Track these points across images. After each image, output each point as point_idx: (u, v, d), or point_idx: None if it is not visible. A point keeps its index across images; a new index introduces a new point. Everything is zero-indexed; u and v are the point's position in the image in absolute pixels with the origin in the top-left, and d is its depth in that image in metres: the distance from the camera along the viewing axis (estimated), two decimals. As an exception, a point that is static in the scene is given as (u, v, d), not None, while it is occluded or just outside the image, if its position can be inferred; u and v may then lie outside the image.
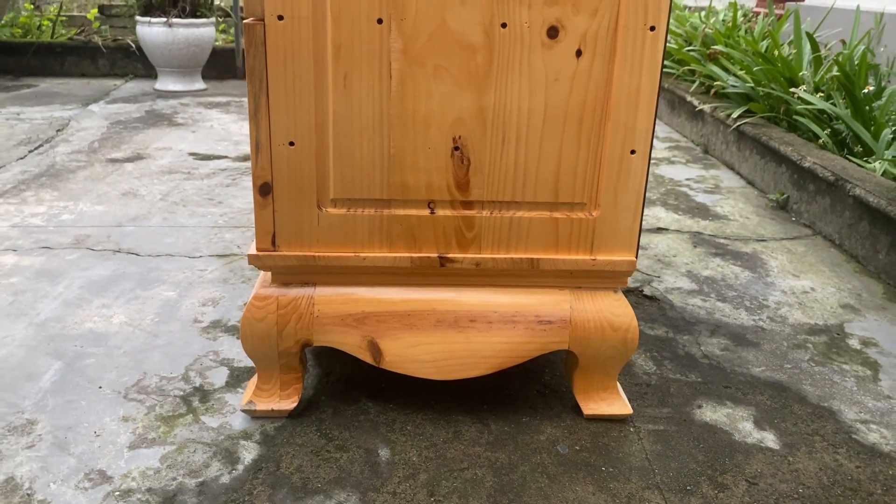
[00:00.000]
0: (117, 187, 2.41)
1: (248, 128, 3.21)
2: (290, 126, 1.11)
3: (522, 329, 1.22)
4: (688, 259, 1.99)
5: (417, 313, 1.20)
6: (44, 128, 3.17)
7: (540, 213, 1.18)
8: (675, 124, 3.55)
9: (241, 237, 2.04)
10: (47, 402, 1.26)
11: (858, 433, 1.26)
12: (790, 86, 2.78)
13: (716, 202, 2.49)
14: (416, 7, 1.06)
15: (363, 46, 1.08)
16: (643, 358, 1.48)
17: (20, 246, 1.91)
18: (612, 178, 1.16)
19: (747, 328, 1.62)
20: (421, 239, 1.18)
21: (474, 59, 1.09)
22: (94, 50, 4.54)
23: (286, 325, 1.19)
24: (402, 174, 1.15)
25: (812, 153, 2.35)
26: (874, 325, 1.65)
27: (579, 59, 1.10)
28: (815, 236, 2.19)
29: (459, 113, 1.12)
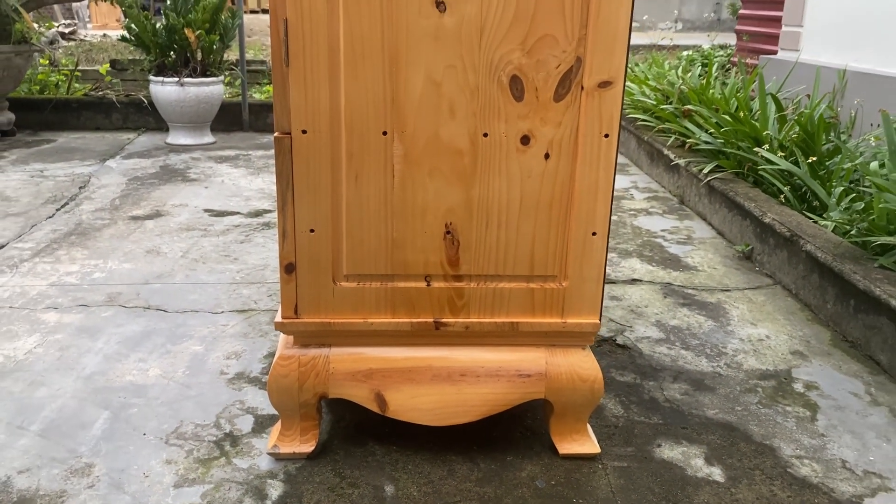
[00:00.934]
0: (141, 245, 2.65)
1: (256, 183, 3.47)
2: (310, 216, 1.35)
3: (505, 381, 1.44)
4: (658, 309, 2.22)
5: (417, 369, 1.43)
6: (67, 185, 3.41)
7: (518, 284, 1.41)
8: (654, 175, 3.81)
9: (257, 293, 2.26)
10: (100, 448, 1.48)
11: (793, 467, 1.48)
12: (755, 144, 3.04)
13: (687, 253, 2.73)
14: (414, 122, 1.30)
15: (371, 153, 1.32)
16: (613, 402, 1.70)
17: (60, 304, 2.14)
18: (578, 255, 1.39)
19: (706, 374, 1.84)
20: (419, 307, 1.41)
21: (462, 161, 1.33)
22: (109, 105, 4.80)
23: (306, 380, 1.42)
24: (403, 253, 1.38)
25: (772, 209, 2.60)
26: (818, 370, 1.88)
27: (547, 161, 1.34)
28: (775, 286, 2.43)
29: (450, 204, 1.36)
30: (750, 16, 5.69)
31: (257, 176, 3.69)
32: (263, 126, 4.89)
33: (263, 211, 3.10)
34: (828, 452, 1.53)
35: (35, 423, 1.55)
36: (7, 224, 2.83)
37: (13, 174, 3.59)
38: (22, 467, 1.41)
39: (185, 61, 4.28)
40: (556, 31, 1.27)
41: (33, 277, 2.32)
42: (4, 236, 2.69)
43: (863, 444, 1.57)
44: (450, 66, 1.28)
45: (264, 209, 3.13)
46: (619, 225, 3.04)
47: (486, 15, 1.25)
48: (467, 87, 1.29)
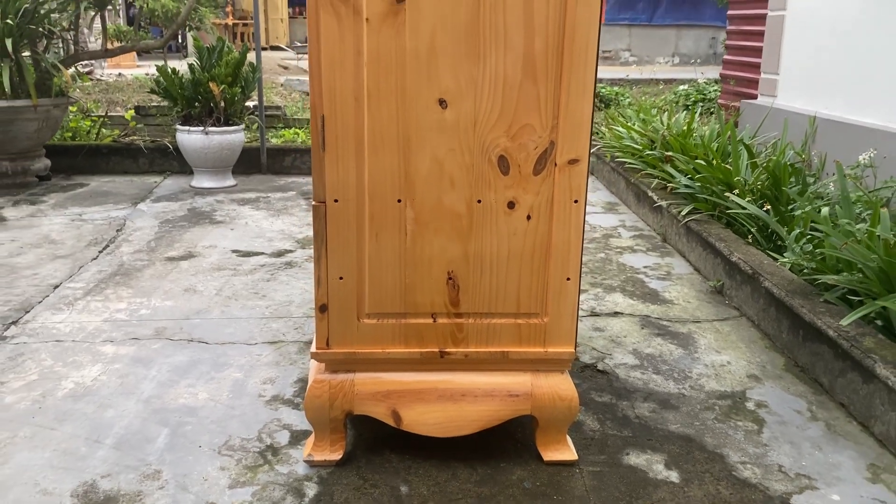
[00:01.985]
0: (179, 284, 2.98)
1: (277, 224, 3.82)
2: (340, 267, 1.68)
3: (498, 400, 1.76)
4: (635, 339, 2.54)
5: (425, 390, 1.75)
6: (105, 228, 3.76)
7: (508, 320, 1.74)
8: (640, 214, 4.14)
9: (285, 326, 2.59)
10: (165, 458, 1.80)
11: (737, 471, 1.79)
12: (728, 189, 3.37)
13: (665, 288, 3.05)
14: (422, 192, 1.64)
15: (388, 216, 1.65)
16: (590, 418, 2.01)
17: (115, 337, 2.47)
18: (555, 296, 1.72)
19: (672, 395, 2.15)
20: (427, 339, 1.74)
21: (461, 222, 1.67)
22: (136, 151, 5.18)
23: (335, 400, 1.74)
24: (413, 296, 1.71)
25: (739, 249, 2.92)
26: (769, 391, 2.19)
27: (529, 221, 1.67)
28: (741, 318, 2.74)
29: (452, 256, 1.69)
30: (733, 61, 6.07)
31: (277, 218, 4.03)
32: (280, 169, 5.26)
33: (285, 251, 3.44)
34: (768, 459, 1.84)
35: (109, 438, 1.87)
36: (57, 266, 3.17)
37: (55, 218, 3.94)
38: (104, 473, 1.73)
39: (209, 111, 4.66)
40: (533, 122, 1.61)
41: (88, 314, 2.65)
42: (57, 277, 3.03)
43: (799, 452, 1.88)
44: (450, 149, 1.62)
45: (286, 249, 3.47)
46: (605, 262, 3.37)
47: (478, 110, 1.60)
48: (464, 164, 1.63)
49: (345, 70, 1.55)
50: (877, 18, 3.86)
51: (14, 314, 2.64)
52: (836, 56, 4.26)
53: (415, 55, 1.56)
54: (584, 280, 3.09)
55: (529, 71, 1.58)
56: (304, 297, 2.86)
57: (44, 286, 2.92)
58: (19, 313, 2.65)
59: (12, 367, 2.24)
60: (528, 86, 1.59)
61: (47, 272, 3.08)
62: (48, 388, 2.11)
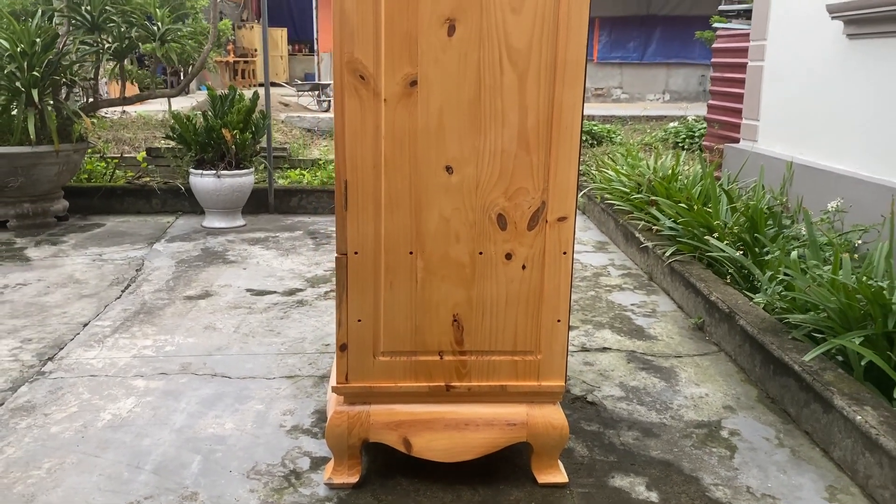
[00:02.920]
0: (199, 322, 3.20)
1: (287, 264, 4.05)
2: (359, 311, 1.91)
3: (498, 429, 1.98)
4: (622, 373, 2.77)
5: (433, 420, 1.97)
6: (125, 268, 3.99)
7: (506, 357, 1.97)
8: (629, 253, 4.39)
9: (300, 362, 2.81)
10: (200, 481, 2.01)
11: (710, 492, 2.01)
12: (709, 232, 3.63)
13: (651, 324, 3.28)
14: (431, 245, 1.88)
15: (401, 267, 1.89)
16: (580, 445, 2.23)
17: (144, 372, 2.68)
18: (547, 336, 1.95)
19: (654, 424, 2.38)
20: (434, 374, 1.97)
21: (465, 271, 1.91)
22: (149, 192, 5.43)
23: (353, 428, 1.96)
24: (423, 336, 1.94)
25: (718, 289, 3.17)
26: (742, 421, 2.41)
27: (524, 271, 1.92)
28: (719, 353, 2.98)
29: (456, 300, 1.92)
30: (717, 106, 6.39)
31: (287, 257, 4.27)
32: (287, 209, 5.51)
33: (296, 290, 3.67)
34: (738, 481, 2.06)
35: (147, 464, 2.09)
36: (84, 305, 3.39)
37: (77, 258, 4.17)
38: (146, 495, 1.94)
39: (221, 156, 4.93)
40: (527, 185, 1.86)
41: (117, 350, 2.87)
42: (85, 315, 3.25)
43: (765, 475, 2.10)
44: (456, 209, 1.87)
45: (297, 288, 3.70)
46: (595, 300, 3.61)
47: (480, 175, 1.85)
48: (468, 221, 1.88)
49: (365, 142, 1.81)
50: (844, 71, 4.16)
51: (49, 351, 2.85)
52: (809, 105, 4.56)
53: (425, 130, 1.81)
54: (576, 317, 3.33)
55: (523, 143, 1.84)
56: (317, 335, 3.08)
57: (73, 324, 3.14)
58: (54, 350, 2.86)
59: (53, 399, 2.46)
60: (523, 155, 1.85)
61: (75, 311, 3.30)
62: (88, 420, 2.33)
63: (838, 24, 4.15)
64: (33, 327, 3.09)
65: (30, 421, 2.31)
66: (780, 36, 4.95)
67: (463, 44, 1.76)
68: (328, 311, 3.37)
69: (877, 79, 3.85)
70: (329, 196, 5.57)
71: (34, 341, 2.94)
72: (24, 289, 3.60)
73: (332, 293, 3.63)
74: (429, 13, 1.74)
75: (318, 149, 10.73)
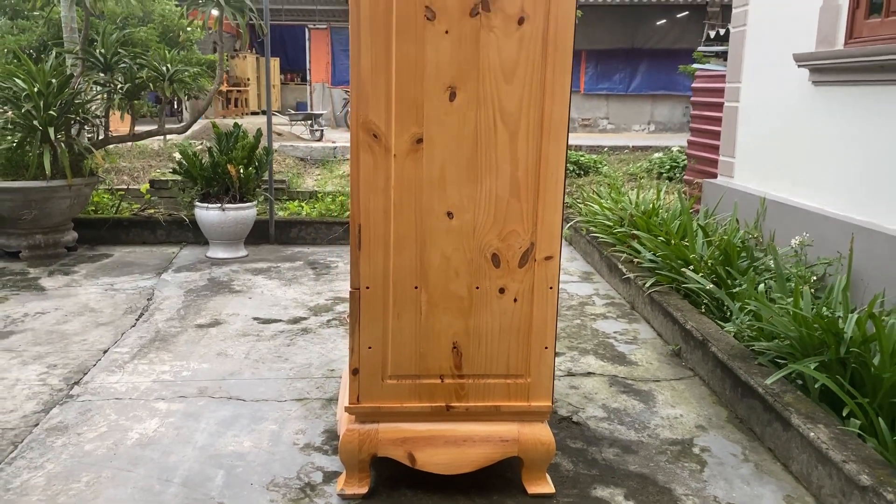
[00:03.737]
0: (211, 349, 3.43)
1: (290, 293, 4.28)
2: (369, 339, 2.16)
3: (492, 445, 2.22)
4: (605, 396, 3.01)
5: (435, 437, 2.21)
6: (137, 297, 4.21)
7: (500, 380, 2.21)
8: (612, 284, 4.66)
9: (308, 386, 3.04)
10: (225, 493, 2.23)
11: (681, 501, 2.25)
12: (685, 265, 3.90)
13: (632, 351, 3.54)
14: (434, 280, 2.14)
15: (407, 300, 2.14)
16: (566, 461, 2.47)
17: (165, 396, 2.90)
18: (536, 361, 2.20)
19: (633, 442, 2.62)
20: (436, 395, 2.21)
21: (463, 304, 2.16)
22: (154, 223, 5.67)
23: (363, 445, 2.19)
24: (426, 361, 2.19)
25: (693, 318, 3.44)
26: (712, 439, 2.66)
27: (515, 303, 2.17)
28: (694, 377, 3.23)
29: (456, 330, 2.17)
30: (696, 142, 6.72)
31: (289, 287, 4.51)
32: (287, 239, 5.76)
33: (300, 318, 3.91)
34: (706, 492, 2.31)
35: (175, 478, 2.30)
36: (102, 332, 3.61)
37: (90, 287, 4.39)
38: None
39: (225, 189, 5.18)
40: (518, 228, 2.12)
41: (138, 376, 3.09)
42: (104, 343, 3.47)
43: (731, 486, 2.34)
44: (455, 249, 2.13)
45: (301, 316, 3.93)
46: (581, 328, 3.86)
47: (477, 220, 2.11)
48: (466, 260, 2.13)
49: (377, 191, 2.07)
50: (811, 115, 4.48)
51: (75, 376, 3.07)
52: (780, 145, 4.88)
53: (429, 180, 2.08)
54: (563, 344, 3.58)
55: (515, 191, 2.10)
56: (322, 360, 3.32)
57: (94, 351, 3.36)
58: (79, 375, 3.08)
59: (84, 420, 2.67)
60: (514, 202, 2.11)
61: (94, 338, 3.52)
62: (118, 438, 2.54)
63: (805, 71, 4.48)
64: (57, 354, 3.31)
65: (65, 440, 2.52)
66: (754, 79, 5.29)
67: (462, 107, 2.04)
68: (331, 338, 3.61)
69: (840, 123, 4.17)
70: (327, 227, 5.82)
71: (59, 367, 3.16)
72: (44, 317, 3.82)
73: (333, 321, 3.87)
74: (433, 82, 2.01)
75: (311, 178, 11.01)
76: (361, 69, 2.01)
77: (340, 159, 13.05)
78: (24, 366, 3.17)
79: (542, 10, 1.99)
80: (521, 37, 2.00)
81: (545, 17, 1.99)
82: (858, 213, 3.95)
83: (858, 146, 3.97)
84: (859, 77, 3.96)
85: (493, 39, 2.00)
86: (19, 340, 3.47)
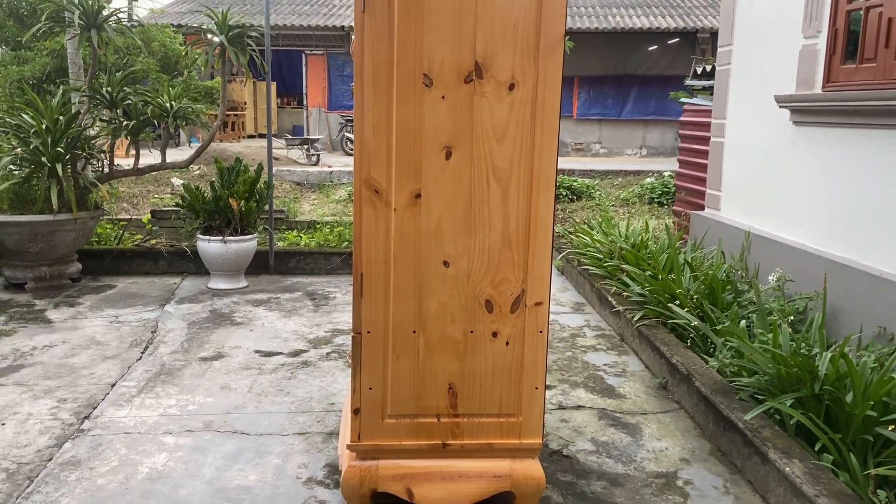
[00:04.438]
0: (215, 382, 3.55)
1: (290, 325, 4.40)
2: (370, 380, 2.29)
3: (486, 480, 2.35)
4: (594, 429, 3.15)
5: (432, 473, 2.34)
6: (141, 330, 4.34)
7: (493, 419, 2.35)
8: (602, 315, 4.81)
9: (309, 420, 3.16)
10: (232, 526, 2.35)
11: (665, 533, 2.38)
12: (672, 299, 4.06)
13: (621, 384, 3.68)
14: (431, 325, 2.28)
15: (406, 343, 2.29)
16: (556, 493, 2.60)
17: (172, 430, 3.03)
18: (527, 401, 2.34)
19: (620, 475, 2.75)
20: (433, 434, 2.34)
21: (459, 347, 2.30)
22: (156, 254, 5.80)
23: (364, 480, 2.32)
24: (423, 401, 2.33)
25: (678, 352, 3.58)
26: (695, 471, 2.80)
27: (507, 346, 2.32)
28: (680, 410, 3.37)
29: (452, 371, 2.32)
30: (685, 174, 6.91)
31: (289, 318, 4.64)
32: (286, 269, 5.90)
33: (300, 351, 4.04)
34: (688, 524, 2.44)
35: (185, 512, 2.43)
36: (109, 366, 3.74)
37: (95, 320, 4.51)
38: (188, 538, 2.28)
39: (227, 222, 5.33)
40: (510, 276, 2.27)
41: (146, 409, 3.21)
42: (111, 376, 3.59)
43: (712, 518, 2.48)
44: (451, 295, 2.27)
45: (301, 349, 4.06)
46: (572, 360, 4.00)
47: (471, 268, 2.26)
48: (461, 306, 2.28)
49: (378, 242, 2.22)
50: (792, 153, 4.66)
51: (84, 410, 3.19)
52: (764, 180, 5.06)
53: (427, 232, 2.23)
54: (554, 377, 3.72)
55: (506, 242, 2.26)
56: (322, 394, 3.44)
57: (102, 384, 3.48)
58: (88, 409, 3.20)
59: (96, 455, 2.79)
60: (506, 252, 2.26)
61: (102, 372, 3.64)
62: (129, 472, 2.66)
63: (786, 111, 4.67)
64: (66, 388, 3.43)
65: (78, 474, 2.64)
66: (738, 117, 5.48)
67: (458, 165, 2.19)
68: (331, 371, 3.74)
69: (819, 162, 4.35)
70: (325, 258, 5.97)
71: (69, 401, 3.28)
72: (52, 350, 3.94)
73: (333, 354, 4.00)
74: (430, 142, 2.17)
75: (308, 202, 11.17)
76: (365, 129, 2.17)
77: (337, 184, 13.23)
78: (36, 400, 3.29)
79: (531, 77, 2.15)
80: (511, 102, 2.16)
81: (534, 84, 2.16)
82: (837, 249, 4.11)
83: (837, 185, 4.15)
84: (836, 120, 4.14)
85: (486, 104, 2.16)
86: (29, 374, 3.59)
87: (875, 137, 3.82)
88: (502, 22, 2.12)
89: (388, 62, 2.12)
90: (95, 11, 4.96)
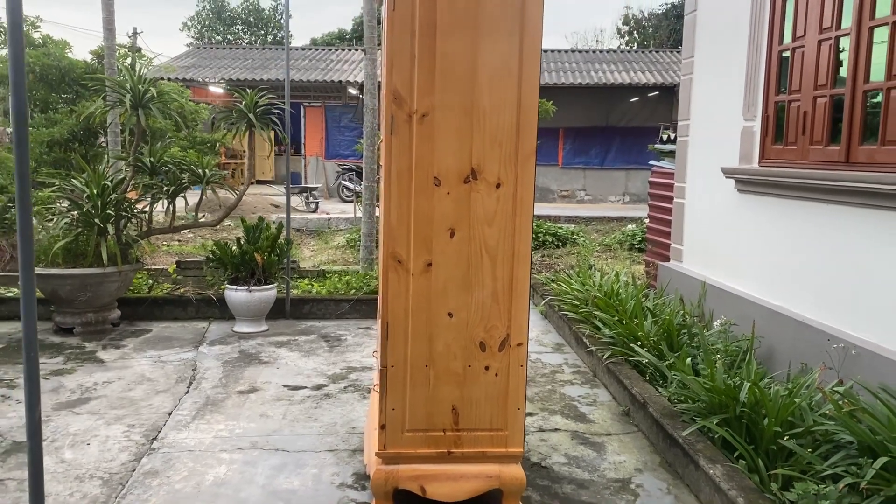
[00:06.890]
0: (254, 411, 4.27)
1: (310, 364, 5.13)
2: (393, 403, 3.04)
3: (481, 480, 3.08)
4: (567, 447, 3.88)
5: (439, 474, 3.07)
6: (183, 368, 5.05)
7: (486, 433, 3.09)
8: (579, 354, 5.56)
9: (336, 440, 3.88)
10: (286, 517, 3.06)
11: (617, 521, 3.11)
12: (634, 341, 4.82)
13: (591, 411, 4.42)
14: (438, 361, 3.03)
15: (420, 375, 3.03)
16: (535, 494, 3.32)
17: (226, 448, 3.74)
18: (512, 418, 3.08)
19: (586, 480, 3.48)
20: (440, 444, 3.08)
21: (459, 378, 3.06)
22: (186, 301, 6.53)
23: (388, 480, 3.04)
24: (433, 419, 3.07)
25: (638, 385, 4.34)
26: (646, 478, 3.53)
27: (496, 377, 3.07)
28: (638, 432, 4.11)
29: (454, 397, 3.06)
30: (653, 228, 7.75)
31: (309, 358, 5.37)
32: (300, 314, 6.63)
33: (322, 385, 4.76)
34: (636, 514, 3.17)
35: (248, 507, 3.14)
36: (162, 399, 4.45)
37: (141, 360, 5.23)
38: (254, 525, 2.99)
39: (251, 273, 6.08)
40: (498, 324, 3.04)
41: (200, 433, 3.92)
42: (166, 406, 4.30)
43: (655, 511, 3.21)
44: (454, 338, 3.03)
45: (322, 384, 4.78)
46: (551, 393, 4.74)
47: (469, 318, 3.03)
48: (461, 346, 3.04)
49: (399, 299, 2.99)
50: (737, 215, 5.49)
51: (151, 433, 3.90)
52: (716, 238, 5.88)
53: (436, 291, 3.00)
54: (536, 406, 4.45)
55: (495, 298, 3.03)
56: (344, 420, 4.16)
57: (160, 413, 4.19)
58: (154, 432, 3.91)
59: (169, 467, 3.50)
60: (495, 306, 3.03)
61: (158, 403, 4.35)
62: (198, 480, 3.37)
63: (732, 180, 5.52)
64: (131, 416, 4.14)
65: (158, 481, 3.35)
66: (695, 182, 6.33)
67: (459, 242, 2.98)
68: (349, 402, 4.46)
69: (758, 224, 5.17)
70: (335, 304, 6.71)
71: (136, 426, 3.99)
72: (111, 385, 4.65)
73: (350, 388, 4.72)
74: (439, 225, 2.96)
75: (308, 248, 11.93)
76: (391, 217, 2.95)
77: (334, 230, 14.00)
78: (109, 426, 3.99)
79: (512, 178, 2.96)
80: (498, 196, 2.96)
81: (514, 183, 2.96)
82: (773, 298, 4.91)
83: (770, 244, 4.97)
84: (769, 190, 4.99)
85: (480, 198, 2.96)
86: (98, 405, 4.30)
87: (797, 207, 4.66)
88: (491, 140, 2.93)
89: (409, 169, 2.92)
90: (143, 94, 5.79)
